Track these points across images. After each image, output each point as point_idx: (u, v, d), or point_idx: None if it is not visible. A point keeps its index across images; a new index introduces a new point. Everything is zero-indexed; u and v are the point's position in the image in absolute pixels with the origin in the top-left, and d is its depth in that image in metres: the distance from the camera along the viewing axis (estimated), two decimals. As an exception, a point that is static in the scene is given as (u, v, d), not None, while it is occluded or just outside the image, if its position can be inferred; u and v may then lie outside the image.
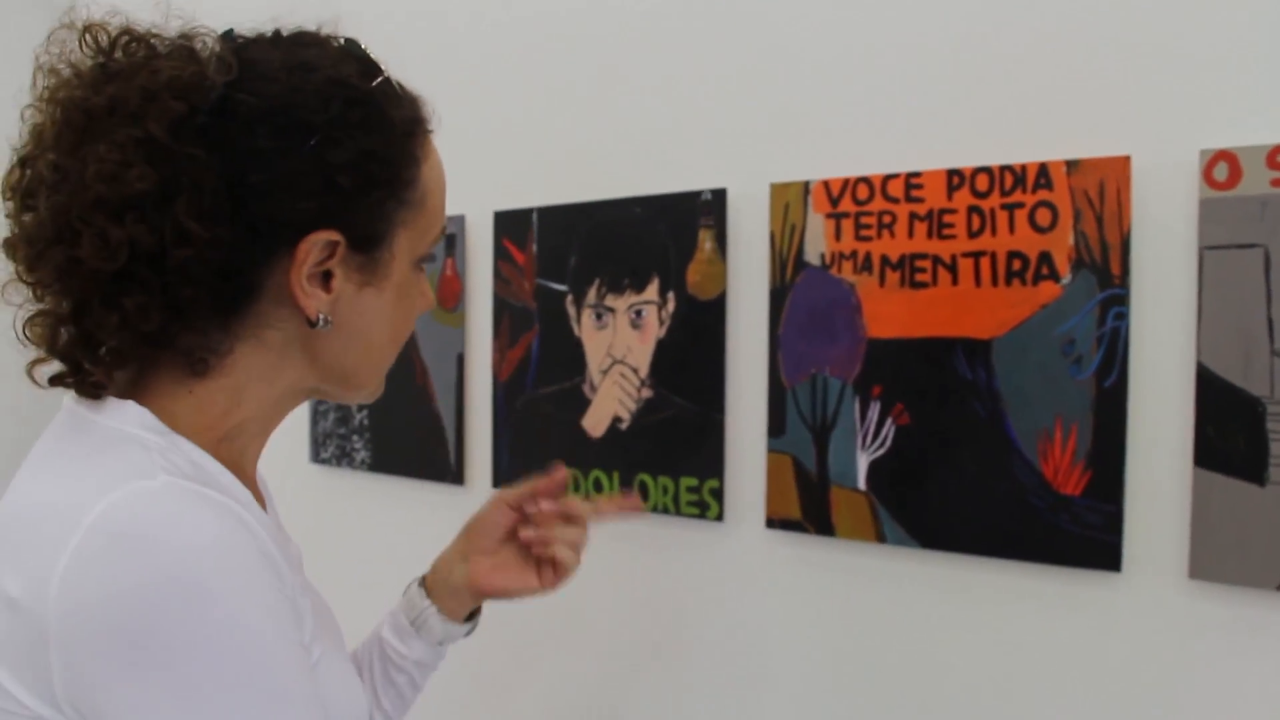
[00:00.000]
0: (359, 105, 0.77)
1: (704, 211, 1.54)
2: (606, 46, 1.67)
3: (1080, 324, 1.24)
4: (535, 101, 1.76)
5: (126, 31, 0.76)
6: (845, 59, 1.42)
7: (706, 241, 1.54)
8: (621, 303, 1.63)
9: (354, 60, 0.80)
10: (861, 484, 1.40)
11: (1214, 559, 1.15)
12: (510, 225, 1.76)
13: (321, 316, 0.79)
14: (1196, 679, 1.18)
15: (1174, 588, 1.20)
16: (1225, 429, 1.15)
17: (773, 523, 1.49)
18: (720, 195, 1.52)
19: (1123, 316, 1.22)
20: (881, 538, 1.39)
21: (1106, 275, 1.23)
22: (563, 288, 1.70)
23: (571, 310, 1.70)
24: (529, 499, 1.11)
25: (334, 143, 0.75)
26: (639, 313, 1.61)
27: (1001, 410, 1.30)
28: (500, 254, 1.78)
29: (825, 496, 1.43)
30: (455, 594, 1.07)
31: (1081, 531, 1.24)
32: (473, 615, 1.13)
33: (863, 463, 1.41)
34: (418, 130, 0.83)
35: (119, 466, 0.72)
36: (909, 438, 1.37)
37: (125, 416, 0.76)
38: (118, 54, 0.75)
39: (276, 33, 0.81)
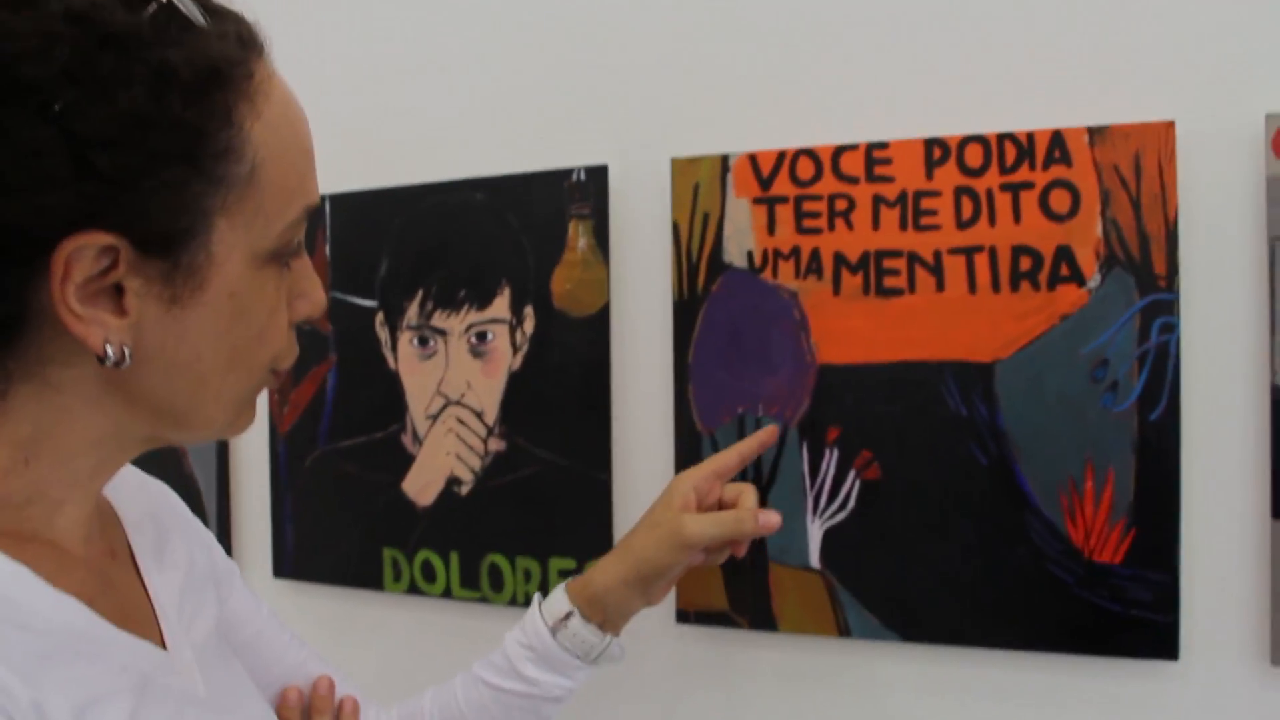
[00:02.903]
0: (114, 48, 0.57)
1: (575, 196, 1.14)
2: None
3: (1115, 339, 0.95)
4: (329, 43, 1.30)
5: None
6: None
7: (580, 237, 1.14)
8: (457, 322, 1.20)
9: None
10: (814, 560, 1.05)
11: (1314, 643, 0.89)
12: (288, 220, 1.29)
13: (112, 349, 0.61)
14: (1286, 798, 0.91)
15: (1250, 678, 0.94)
16: (1320, 472, 0.88)
17: (686, 616, 1.11)
18: (599, 174, 1.13)
19: (1171, 329, 0.93)
20: (844, 630, 1.04)
21: (1148, 276, 0.94)
22: (369, 303, 1.26)
23: (383, 334, 1.25)
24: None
25: (80, 106, 0.56)
26: (482, 336, 1.19)
27: (1010, 455, 0.99)
28: (274, 259, 1.30)
29: (762, 579, 1.07)
30: (626, 622, 0.99)
31: (1124, 610, 0.96)
32: None
33: (815, 531, 1.06)
34: (231, 75, 0.62)
35: None
36: (879, 496, 1.03)
37: None
38: None
39: None
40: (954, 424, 1.00)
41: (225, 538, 1.36)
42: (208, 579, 0.87)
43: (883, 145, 1.02)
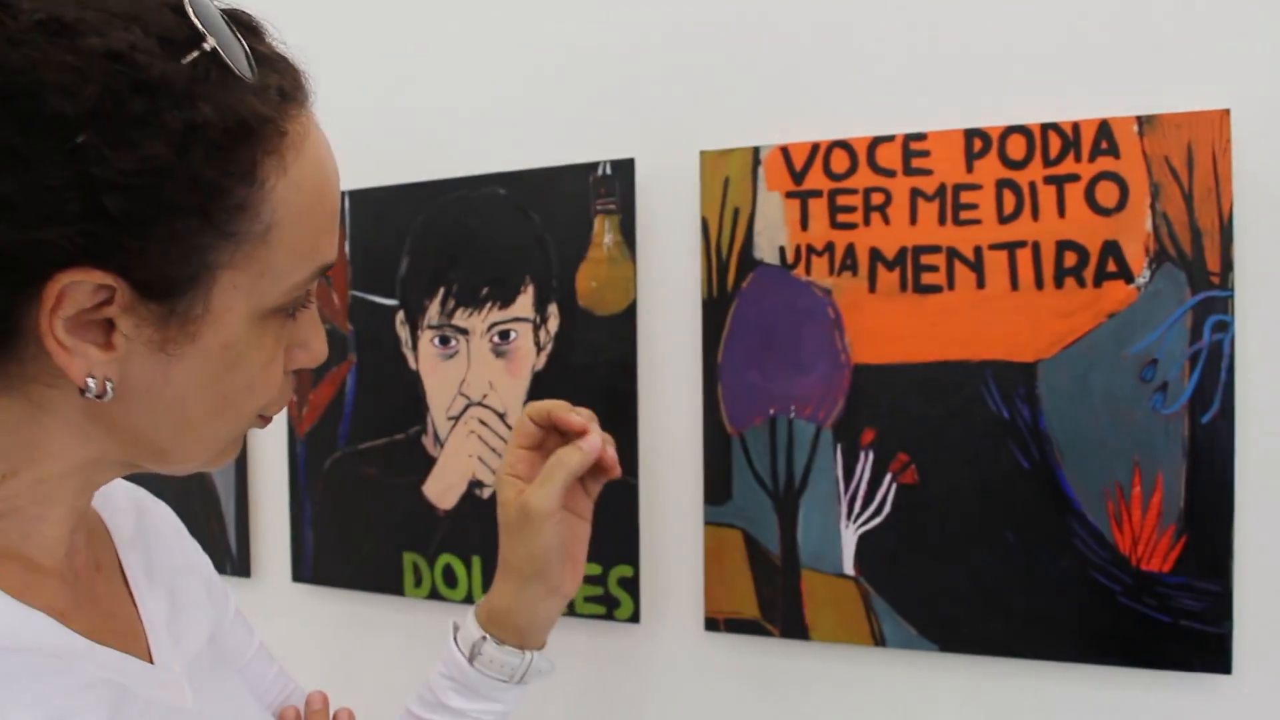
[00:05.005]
0: (146, 94, 0.56)
1: (601, 191, 1.11)
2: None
3: (1165, 339, 0.91)
4: (349, 35, 1.27)
5: None
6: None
7: (606, 233, 1.11)
8: (479, 321, 1.17)
9: (160, 20, 0.57)
10: (848, 567, 1.02)
11: (1383, 659, 0.84)
12: (307, 216, 1.26)
13: (95, 382, 0.59)
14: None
15: (1307, 694, 0.88)
16: (1387, 479, 0.84)
17: (715, 624, 1.08)
18: (625, 168, 1.10)
19: (1225, 327, 0.89)
20: (880, 640, 1.01)
21: (1200, 272, 0.90)
22: (390, 302, 1.23)
23: (404, 333, 1.22)
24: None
25: (101, 148, 0.55)
26: (505, 335, 1.16)
27: (1053, 459, 0.95)
28: (293, 257, 1.28)
29: (795, 586, 1.04)
30: (551, 625, 0.94)
31: (1174, 621, 0.92)
32: None
33: (850, 537, 1.02)
34: (261, 132, 0.60)
35: None
36: (916, 501, 0.99)
37: None
38: None
39: None
40: (995, 426, 0.96)
41: (244, 542, 1.34)
42: (201, 599, 0.86)
43: (921, 136, 0.98)
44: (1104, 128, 0.93)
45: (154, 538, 0.83)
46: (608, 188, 1.10)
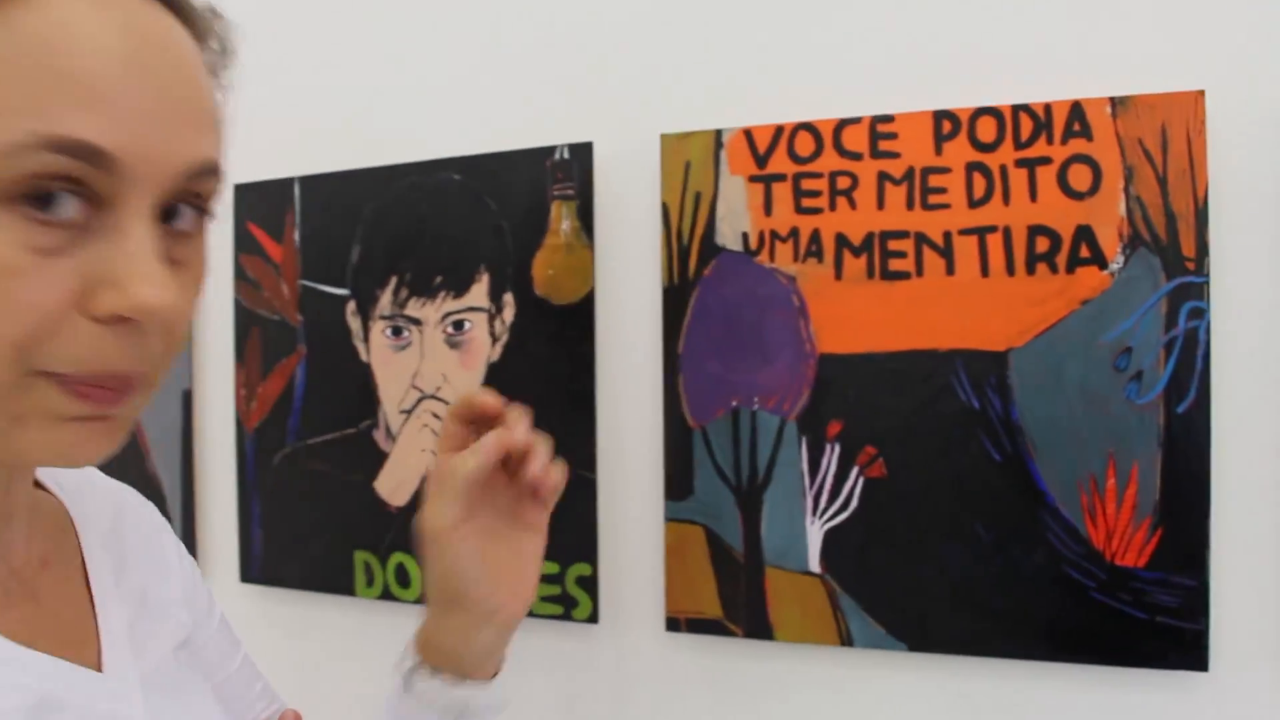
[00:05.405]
0: None
1: (558, 176, 1.07)
2: (395, -55, 1.17)
3: (1139, 326, 0.88)
4: (296, 17, 1.22)
5: None
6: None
7: (564, 220, 1.07)
8: (432, 311, 1.13)
9: None
10: (814, 564, 0.98)
11: (1362, 655, 0.82)
12: (259, 203, 1.22)
13: None
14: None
15: (1285, 693, 0.86)
16: (1367, 469, 0.81)
17: (677, 624, 1.04)
18: (583, 152, 1.06)
19: (1200, 314, 0.86)
20: (847, 639, 0.97)
21: (1175, 258, 0.87)
22: (341, 292, 1.18)
23: (355, 324, 1.18)
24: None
25: None
26: (459, 325, 1.12)
27: (1025, 450, 0.92)
28: (245, 245, 1.23)
29: (758, 584, 1.00)
30: (497, 653, 0.81)
31: (1149, 617, 0.89)
32: None
33: (815, 533, 0.98)
34: None
35: None
36: (884, 495, 0.96)
37: None
38: None
39: None
40: (965, 417, 0.93)
41: (190, 541, 1.29)
42: (176, 604, 0.78)
43: (888, 118, 0.95)
44: (1076, 109, 0.90)
45: (132, 537, 0.76)
46: (565, 172, 1.06)
